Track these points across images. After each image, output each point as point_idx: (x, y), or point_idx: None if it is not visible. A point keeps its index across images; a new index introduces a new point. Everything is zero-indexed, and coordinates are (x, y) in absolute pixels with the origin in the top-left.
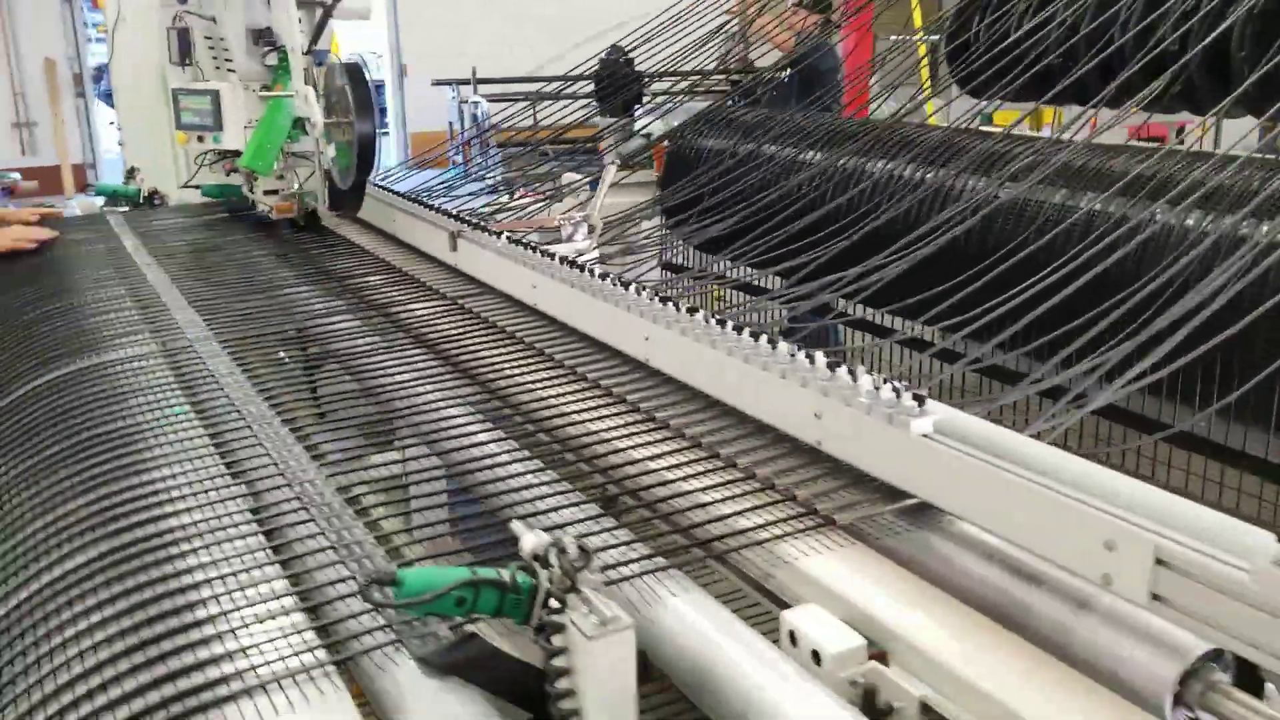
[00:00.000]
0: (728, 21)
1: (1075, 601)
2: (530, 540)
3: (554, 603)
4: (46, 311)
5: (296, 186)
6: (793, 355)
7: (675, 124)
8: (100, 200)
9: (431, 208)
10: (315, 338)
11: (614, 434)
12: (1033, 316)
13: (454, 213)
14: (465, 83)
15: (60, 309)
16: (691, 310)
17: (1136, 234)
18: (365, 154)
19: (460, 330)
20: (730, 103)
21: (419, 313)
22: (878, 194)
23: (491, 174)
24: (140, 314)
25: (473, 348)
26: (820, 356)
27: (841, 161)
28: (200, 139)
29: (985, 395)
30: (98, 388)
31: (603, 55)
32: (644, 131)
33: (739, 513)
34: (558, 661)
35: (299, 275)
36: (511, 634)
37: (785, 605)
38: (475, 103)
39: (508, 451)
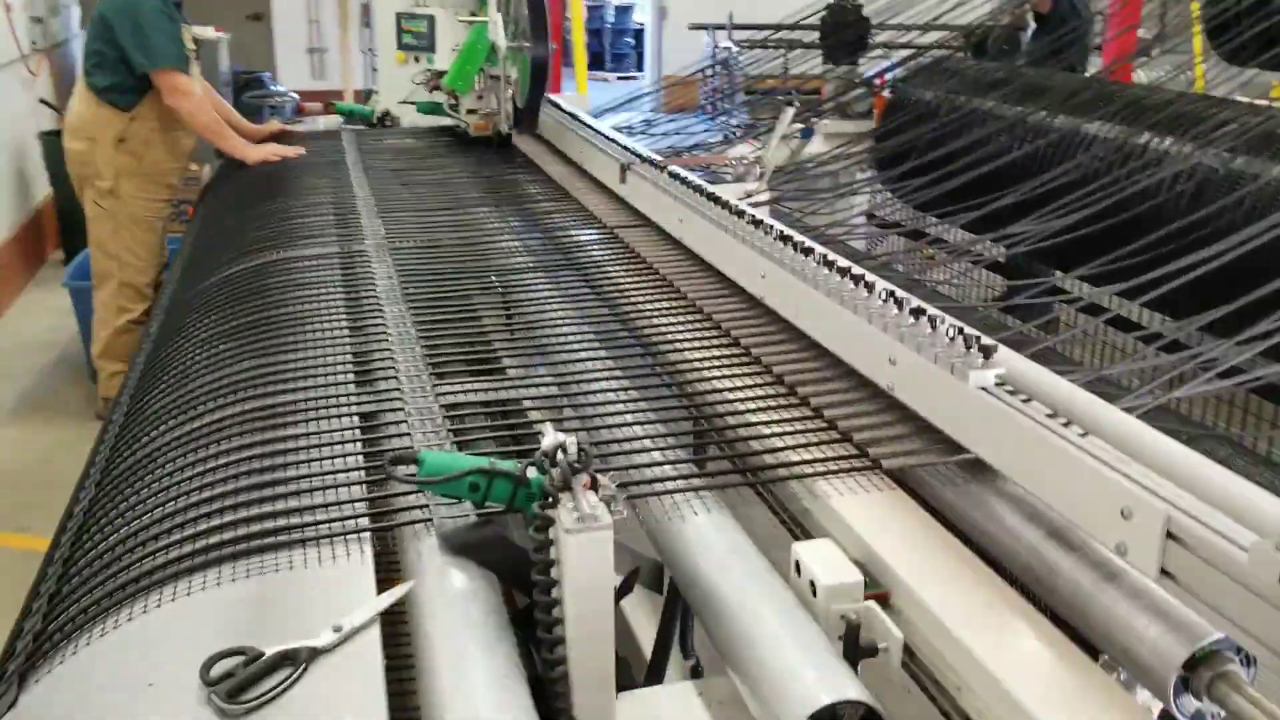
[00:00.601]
0: None
1: (1103, 572)
2: (548, 440)
3: (550, 498)
4: (261, 210)
5: (493, 106)
6: (882, 298)
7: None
8: (340, 120)
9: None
10: (477, 254)
11: (708, 364)
12: None
13: (632, 149)
14: (721, 28)
15: (272, 210)
16: (806, 251)
17: None
18: (539, 75)
19: (609, 259)
20: (963, 55)
21: (578, 239)
22: (1114, 165)
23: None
24: (334, 218)
25: (614, 276)
26: (907, 301)
27: (1083, 127)
28: (416, 59)
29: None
30: (276, 279)
31: (831, 2)
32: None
33: (792, 447)
34: (543, 554)
35: (479, 194)
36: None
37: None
38: (726, 48)
39: (608, 371)
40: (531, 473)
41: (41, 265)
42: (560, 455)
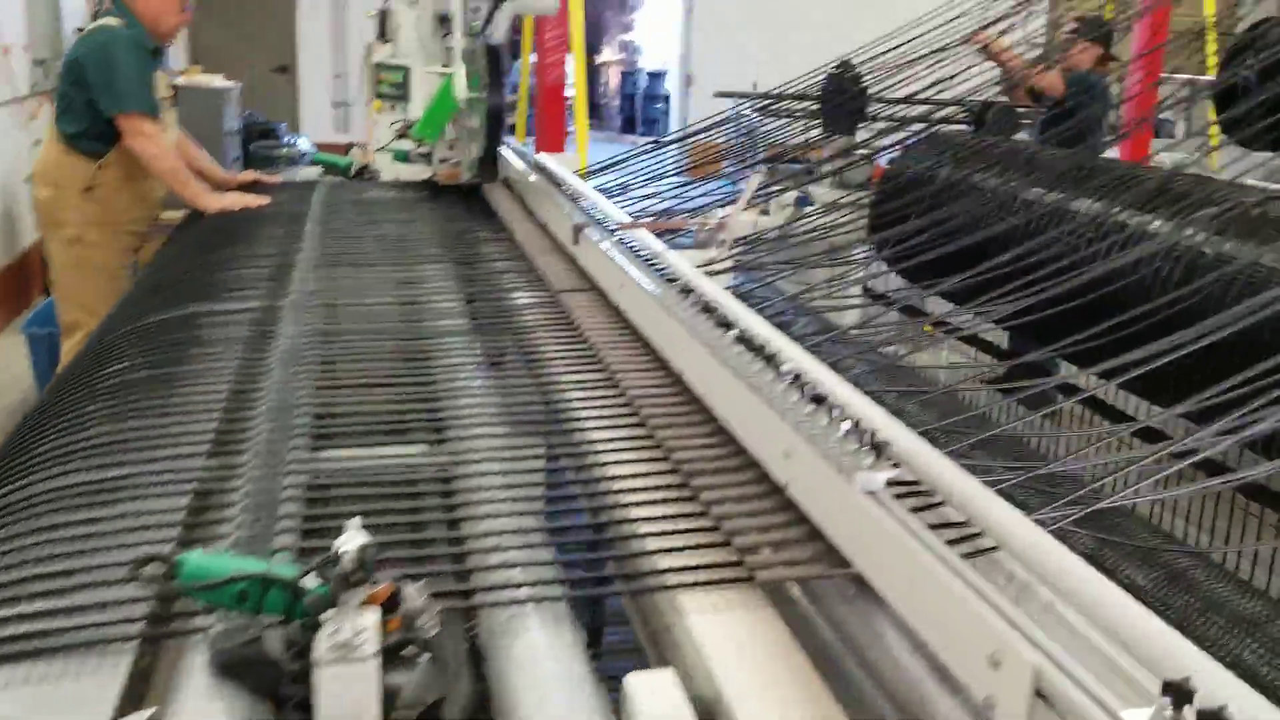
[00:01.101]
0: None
1: None
2: (342, 539)
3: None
4: (201, 260)
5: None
6: (787, 380)
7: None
8: (318, 170)
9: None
10: (405, 314)
11: (605, 448)
12: None
13: (581, 208)
14: (745, 96)
15: (211, 260)
16: (725, 325)
17: None
18: (493, 124)
19: (542, 324)
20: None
21: (518, 302)
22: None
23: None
24: (269, 271)
25: (541, 344)
26: (810, 386)
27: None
28: (393, 108)
29: None
30: (177, 334)
31: (831, 70)
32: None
33: (664, 550)
34: (303, 684)
35: (435, 250)
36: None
37: (667, 662)
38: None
39: (494, 452)
40: (310, 580)
41: (27, 309)
42: (332, 566)
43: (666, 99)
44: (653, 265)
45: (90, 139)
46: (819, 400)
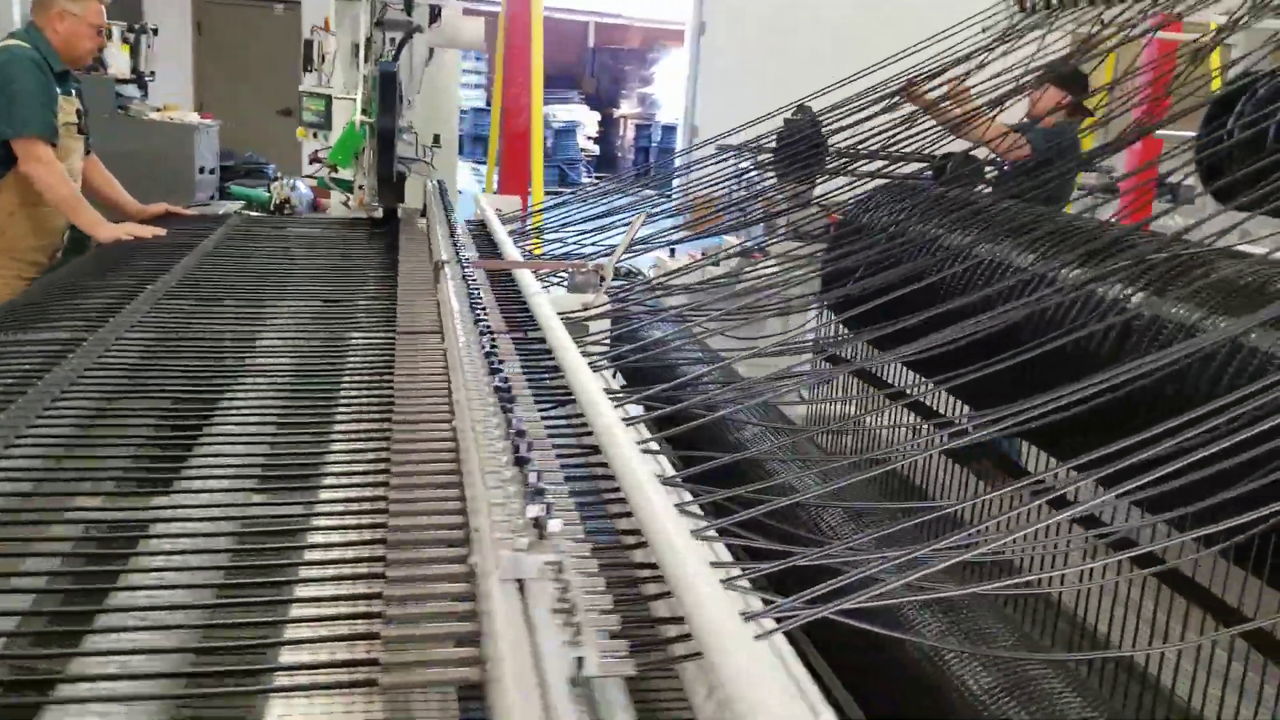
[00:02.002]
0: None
1: None
2: None
3: None
4: (57, 286)
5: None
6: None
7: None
8: (238, 204)
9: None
10: (220, 351)
11: (325, 511)
12: None
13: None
14: (738, 148)
15: (65, 287)
16: (494, 371)
17: None
18: (383, 145)
19: (360, 369)
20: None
21: (354, 343)
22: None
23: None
24: (109, 303)
25: (342, 392)
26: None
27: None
28: (315, 135)
29: None
30: None
31: (788, 116)
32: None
33: (309, 642)
34: None
35: (308, 285)
36: None
37: None
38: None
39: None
40: None
41: None
42: None
43: None
44: (489, 308)
45: None
46: (521, 463)
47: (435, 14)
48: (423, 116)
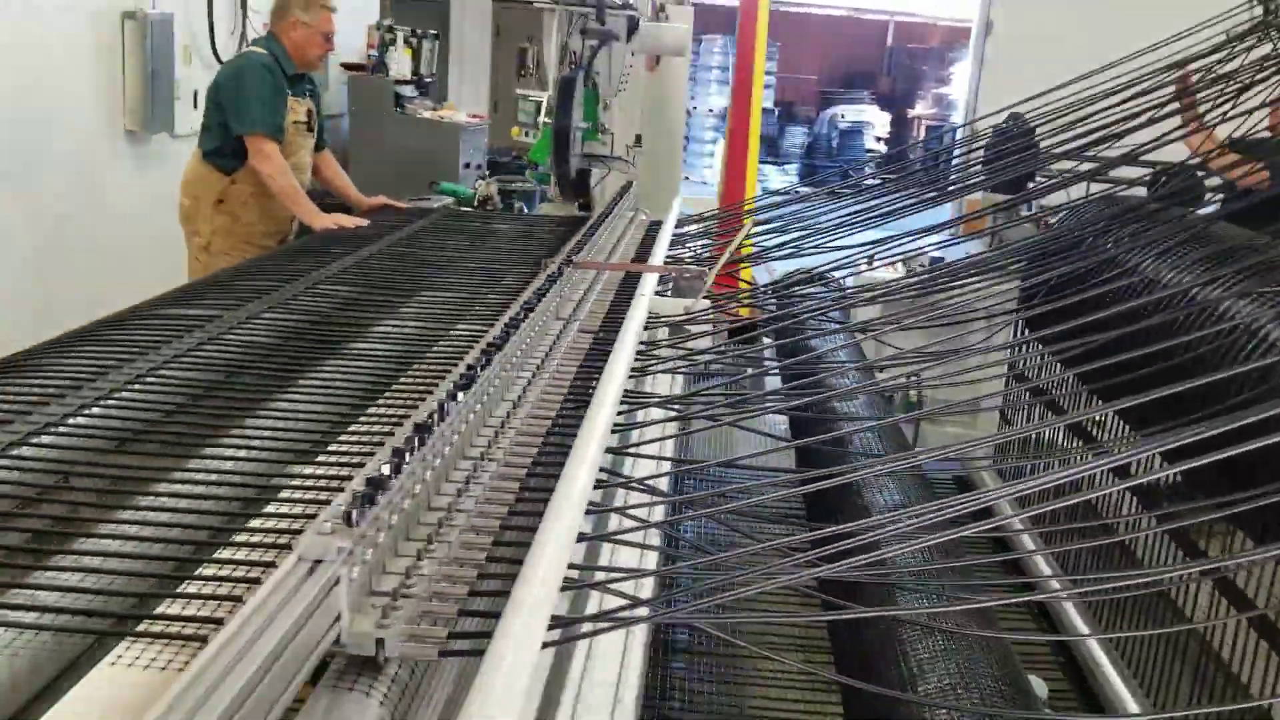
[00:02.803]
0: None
1: None
2: None
3: None
4: (254, 267)
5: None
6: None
7: None
8: (447, 200)
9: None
10: (324, 332)
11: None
12: None
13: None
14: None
15: (260, 269)
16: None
17: None
18: (558, 144)
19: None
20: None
21: (449, 333)
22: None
23: None
24: (274, 284)
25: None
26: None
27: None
28: (527, 135)
29: None
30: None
31: (1000, 124)
32: None
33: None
34: None
35: (453, 277)
36: None
37: None
38: None
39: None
40: None
41: None
42: None
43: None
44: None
45: (223, 156)
46: (399, 454)
47: (634, 24)
48: (627, 118)
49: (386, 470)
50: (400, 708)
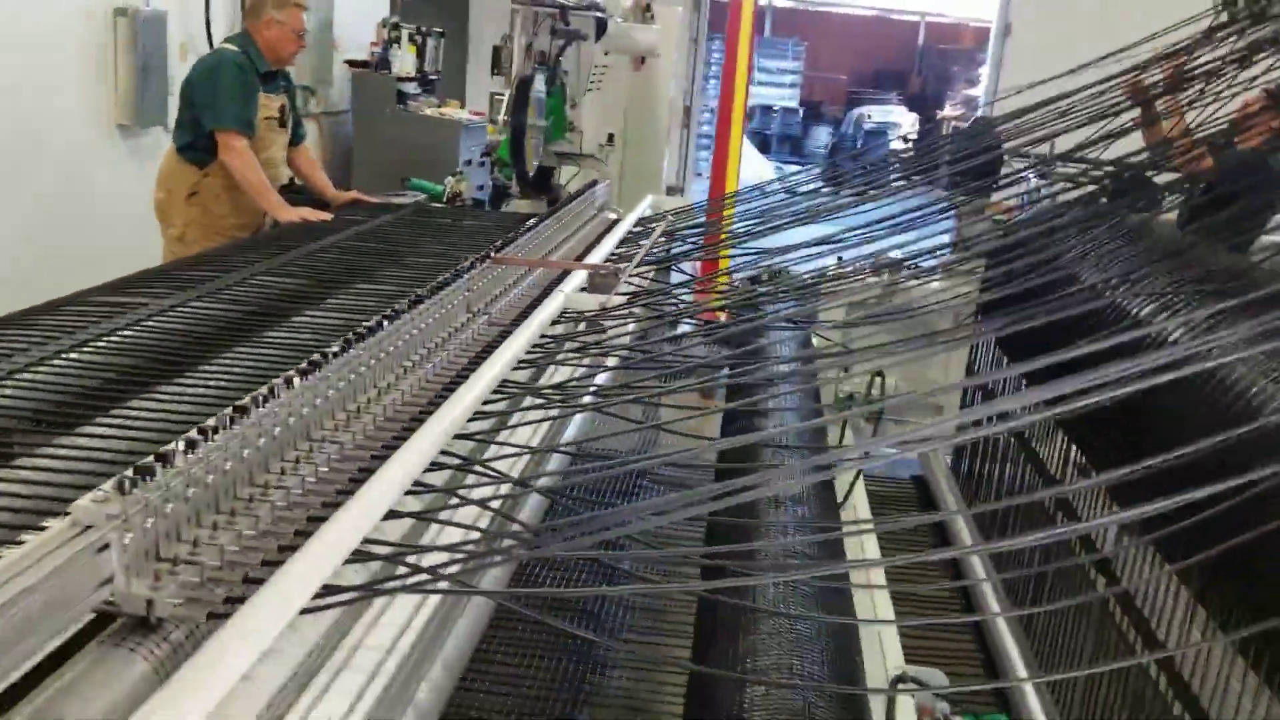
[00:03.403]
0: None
1: None
2: None
3: None
4: (203, 260)
5: None
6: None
7: None
8: (418, 195)
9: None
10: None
11: None
12: None
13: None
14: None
15: (221, 260)
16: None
17: None
18: (514, 143)
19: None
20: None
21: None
22: None
23: None
24: (225, 274)
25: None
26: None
27: None
28: (500, 132)
29: None
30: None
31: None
32: None
33: None
34: None
35: (395, 268)
36: None
37: None
38: None
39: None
40: None
41: None
42: None
43: None
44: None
45: (196, 150)
46: (206, 433)
47: (603, 25)
48: (604, 116)
49: (182, 446)
50: (168, 665)
